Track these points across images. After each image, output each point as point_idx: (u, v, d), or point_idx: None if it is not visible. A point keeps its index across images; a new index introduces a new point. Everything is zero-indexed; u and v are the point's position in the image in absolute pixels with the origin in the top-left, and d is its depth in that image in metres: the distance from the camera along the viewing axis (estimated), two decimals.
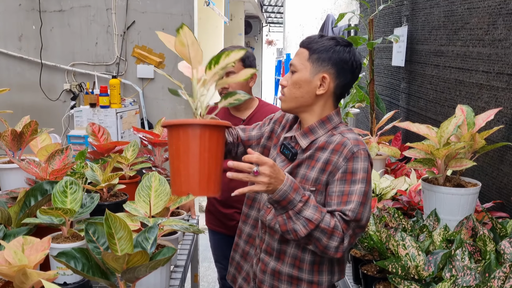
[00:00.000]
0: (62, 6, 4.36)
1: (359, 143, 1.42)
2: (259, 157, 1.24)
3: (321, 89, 1.45)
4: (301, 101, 1.48)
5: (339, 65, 1.45)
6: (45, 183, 1.51)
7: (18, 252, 1.04)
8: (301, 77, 1.46)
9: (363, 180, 1.38)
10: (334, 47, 1.45)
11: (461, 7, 2.23)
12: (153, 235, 1.23)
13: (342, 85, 1.48)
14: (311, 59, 1.45)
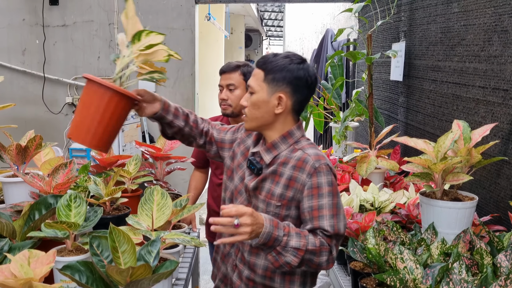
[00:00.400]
0: (65, 21, 4.42)
1: (319, 158, 1.49)
2: (238, 210, 1.31)
3: (279, 108, 1.52)
4: (262, 120, 1.54)
5: (294, 83, 1.50)
6: (49, 196, 1.54)
7: (24, 265, 1.06)
8: (259, 98, 1.52)
9: (330, 193, 1.46)
10: (287, 66, 1.50)
11: (458, 24, 2.28)
12: (155, 249, 1.26)
13: (299, 101, 1.54)
14: (267, 79, 1.51)
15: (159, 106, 1.62)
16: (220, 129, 1.77)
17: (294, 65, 1.51)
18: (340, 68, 3.38)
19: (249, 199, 1.59)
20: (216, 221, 1.29)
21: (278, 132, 1.56)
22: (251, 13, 10.70)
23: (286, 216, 1.51)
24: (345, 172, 2.61)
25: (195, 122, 1.72)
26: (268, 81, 1.51)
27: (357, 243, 1.64)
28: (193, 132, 1.72)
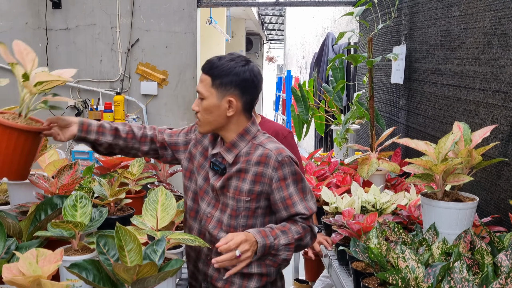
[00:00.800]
0: (68, 25, 4.45)
1: (281, 151, 1.60)
2: (235, 242, 1.42)
3: (230, 111, 1.58)
4: (215, 124, 1.61)
5: (242, 85, 1.57)
6: (55, 197, 1.56)
7: (32, 263, 1.08)
8: (210, 103, 1.58)
9: (295, 181, 1.60)
10: (233, 69, 1.56)
11: (458, 27, 2.31)
12: (161, 248, 1.27)
13: (249, 101, 1.62)
14: (215, 85, 1.56)
15: (76, 129, 1.67)
16: (171, 133, 1.81)
17: (240, 68, 1.57)
18: (341, 71, 3.40)
19: (217, 197, 1.67)
20: (220, 260, 1.42)
21: (234, 132, 1.64)
22: (252, 16, 10.75)
23: (256, 208, 1.62)
24: (347, 174, 2.63)
25: (130, 133, 1.75)
26: (217, 86, 1.56)
27: (359, 243, 1.66)
28: (129, 143, 1.75)
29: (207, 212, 1.67)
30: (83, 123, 1.68)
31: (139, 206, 1.94)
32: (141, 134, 1.76)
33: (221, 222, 1.64)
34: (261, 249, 1.49)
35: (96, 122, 1.72)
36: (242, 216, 1.61)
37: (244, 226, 1.62)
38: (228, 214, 1.62)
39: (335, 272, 1.97)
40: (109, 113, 4.06)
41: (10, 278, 1.05)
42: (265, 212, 1.63)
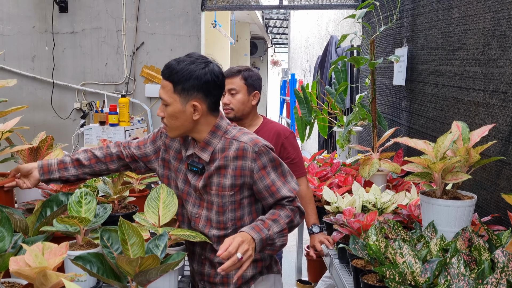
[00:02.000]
0: (74, 28, 4.51)
1: (256, 142, 1.63)
2: (232, 245, 1.44)
3: (196, 115, 1.58)
4: (183, 128, 1.61)
5: (204, 88, 1.55)
6: (61, 194, 1.60)
7: (38, 255, 1.12)
8: (174, 109, 1.56)
9: (274, 167, 1.65)
10: (193, 73, 1.52)
11: (458, 29, 2.33)
12: (163, 242, 1.31)
13: (213, 101, 1.62)
14: (177, 91, 1.54)
15: (38, 173, 1.71)
16: (138, 145, 1.81)
17: (200, 71, 1.54)
18: (343, 74, 3.43)
19: (201, 197, 1.69)
20: (225, 267, 1.43)
21: (205, 132, 1.64)
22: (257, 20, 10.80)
23: (241, 199, 1.66)
24: (348, 174, 2.65)
25: (92, 158, 1.77)
26: (179, 92, 1.54)
27: (358, 240, 1.68)
28: (96, 168, 1.77)
29: (194, 213, 1.70)
30: (43, 166, 1.72)
31: (142, 204, 1.97)
32: (104, 155, 1.78)
33: (210, 220, 1.67)
34: (259, 244, 1.53)
35: (55, 160, 1.75)
36: (229, 210, 1.65)
37: (233, 219, 1.66)
38: (215, 211, 1.66)
39: (336, 270, 1.99)
40: (114, 115, 4.11)
41: (16, 269, 1.09)
42: (250, 201, 1.69)
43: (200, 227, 1.68)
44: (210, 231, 1.66)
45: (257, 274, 1.75)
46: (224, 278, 1.70)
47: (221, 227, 1.65)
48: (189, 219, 1.73)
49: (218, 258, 1.66)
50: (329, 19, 6.66)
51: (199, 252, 1.73)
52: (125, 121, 4.14)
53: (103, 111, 4.28)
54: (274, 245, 1.62)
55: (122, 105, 4.13)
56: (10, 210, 1.51)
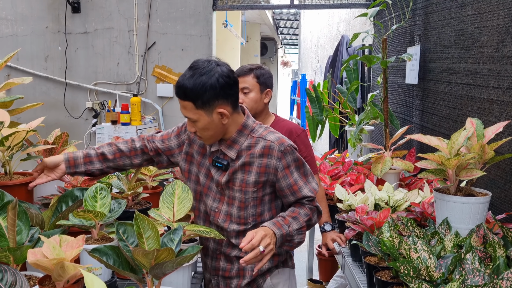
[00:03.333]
0: (86, 28, 4.56)
1: (282, 142, 1.67)
2: (255, 238, 1.48)
3: (225, 119, 1.62)
4: (217, 135, 1.65)
5: (221, 93, 1.57)
6: (76, 189, 1.62)
7: (56, 247, 1.13)
8: (204, 123, 1.59)
9: (297, 167, 1.68)
10: (206, 84, 1.54)
11: (472, 26, 2.32)
12: (177, 237, 1.31)
13: (234, 100, 1.64)
14: (199, 106, 1.57)
15: (64, 167, 1.74)
16: (163, 138, 1.82)
17: (212, 80, 1.55)
18: (355, 72, 3.42)
19: (222, 192, 1.71)
20: (247, 259, 1.45)
21: (233, 131, 1.69)
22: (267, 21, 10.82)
23: (263, 195, 1.70)
24: (360, 173, 2.65)
25: (117, 152, 1.80)
26: (201, 107, 1.57)
27: (372, 237, 1.68)
28: (119, 162, 1.80)
29: (214, 207, 1.72)
30: (69, 160, 1.75)
31: (155, 201, 1.99)
32: (129, 149, 1.80)
33: (230, 215, 1.69)
34: (279, 239, 1.57)
35: (81, 154, 1.78)
36: (251, 206, 1.68)
37: (254, 215, 1.68)
38: (236, 207, 1.68)
39: (348, 268, 1.99)
40: (126, 114, 4.14)
41: (35, 260, 1.10)
42: (271, 198, 1.72)
43: (220, 221, 1.70)
44: (229, 226, 1.68)
45: (273, 268, 1.78)
46: (240, 271, 1.72)
47: (241, 222, 1.68)
48: (207, 214, 1.75)
49: (236, 252, 1.69)
50: (340, 18, 6.64)
51: (214, 248, 1.74)
52: (137, 120, 4.17)
53: (115, 111, 4.31)
54: (292, 241, 1.65)
55: (134, 104, 4.16)
56: (27, 205, 1.53)
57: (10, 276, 1.10)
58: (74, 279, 1.17)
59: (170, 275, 1.41)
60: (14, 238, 1.30)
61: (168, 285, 1.43)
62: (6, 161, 1.69)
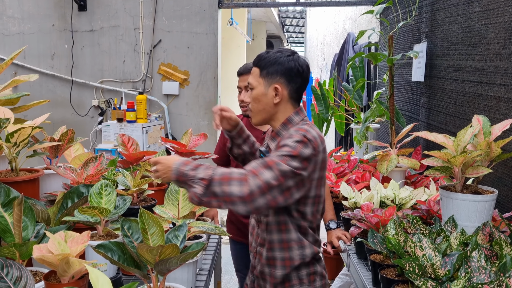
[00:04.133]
0: (92, 26, 4.57)
1: (300, 130, 1.58)
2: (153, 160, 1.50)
3: (277, 98, 1.65)
4: (264, 112, 1.68)
5: (287, 73, 1.64)
6: (81, 186, 1.62)
7: (61, 242, 1.14)
8: (258, 92, 1.67)
9: (282, 155, 1.49)
10: (278, 59, 1.65)
11: (479, 23, 2.30)
12: (182, 233, 1.32)
13: (295, 89, 1.67)
14: (262, 75, 1.66)
15: (235, 128, 1.82)
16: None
17: (285, 58, 1.65)
18: (361, 70, 3.41)
19: None
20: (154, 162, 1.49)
21: (280, 121, 1.69)
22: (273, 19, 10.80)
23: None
24: (366, 171, 2.64)
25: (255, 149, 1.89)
26: (264, 76, 1.65)
27: (377, 234, 1.67)
28: (253, 157, 1.86)
29: None
30: (241, 128, 1.83)
31: (160, 198, 1.99)
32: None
33: None
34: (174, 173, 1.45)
35: (247, 131, 1.88)
36: None
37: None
38: None
39: (353, 266, 1.99)
40: (132, 112, 4.15)
41: (40, 256, 1.11)
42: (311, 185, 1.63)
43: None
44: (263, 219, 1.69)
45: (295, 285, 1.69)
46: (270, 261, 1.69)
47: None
48: None
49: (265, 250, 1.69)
50: (346, 16, 6.62)
51: (254, 245, 1.77)
52: (143, 118, 4.18)
53: (121, 108, 4.32)
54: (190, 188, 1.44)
55: (140, 102, 4.17)
56: (33, 201, 1.54)
57: (15, 271, 1.11)
58: (79, 275, 1.17)
59: (174, 272, 1.42)
60: (20, 234, 1.31)
61: (173, 281, 1.43)
62: (13, 157, 1.70)
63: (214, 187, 1.42)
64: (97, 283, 0.94)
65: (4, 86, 1.89)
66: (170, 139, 4.53)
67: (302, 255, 1.66)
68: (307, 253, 1.67)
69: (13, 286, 1.06)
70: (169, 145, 2.37)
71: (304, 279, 1.68)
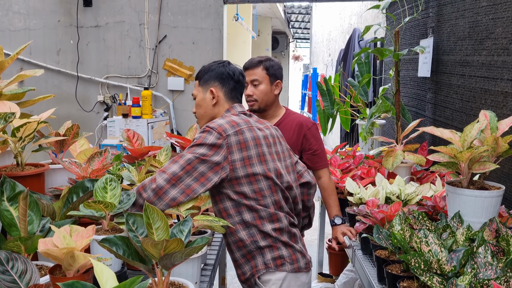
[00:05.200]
0: (98, 22, 4.57)
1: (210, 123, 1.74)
2: None
3: (214, 100, 1.87)
4: (206, 116, 1.90)
5: (219, 77, 1.88)
6: (87, 181, 1.62)
7: (66, 236, 1.14)
8: (199, 99, 1.91)
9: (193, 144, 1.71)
10: (211, 67, 1.91)
11: (486, 18, 2.28)
12: (187, 228, 1.31)
13: (229, 90, 1.89)
14: (200, 83, 1.91)
15: None
16: None
17: (216, 65, 1.91)
18: (367, 66, 3.39)
19: None
20: None
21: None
22: (278, 15, 10.77)
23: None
24: (371, 167, 2.63)
25: None
26: (202, 84, 1.90)
27: (382, 230, 1.66)
28: None
29: None
30: None
31: None
32: None
33: None
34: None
35: None
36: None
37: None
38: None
39: (359, 261, 1.98)
40: (137, 108, 4.15)
41: (45, 250, 1.11)
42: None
43: None
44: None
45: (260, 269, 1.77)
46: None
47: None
48: None
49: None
50: (352, 12, 6.59)
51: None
52: (148, 113, 4.18)
53: (126, 104, 4.33)
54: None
55: (145, 97, 4.17)
56: (38, 195, 1.54)
57: (21, 264, 1.11)
58: (84, 269, 1.17)
59: (179, 267, 1.42)
60: (25, 228, 1.32)
61: (178, 276, 1.43)
62: (18, 152, 1.70)
63: (137, 201, 1.62)
64: (102, 276, 0.94)
65: (10, 81, 1.90)
66: (175, 134, 4.53)
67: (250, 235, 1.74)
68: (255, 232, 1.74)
69: (18, 279, 1.07)
70: (174, 140, 2.37)
71: (270, 263, 1.75)
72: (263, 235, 1.74)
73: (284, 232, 1.77)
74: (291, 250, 1.77)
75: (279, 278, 1.76)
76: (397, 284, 1.44)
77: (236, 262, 1.83)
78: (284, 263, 1.76)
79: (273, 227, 1.74)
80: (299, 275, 1.80)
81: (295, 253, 1.79)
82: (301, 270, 1.80)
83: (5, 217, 1.33)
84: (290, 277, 1.78)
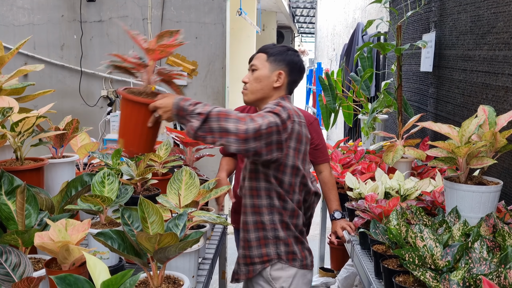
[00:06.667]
0: (101, 17, 4.58)
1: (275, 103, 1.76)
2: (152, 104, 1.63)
3: (277, 83, 1.84)
4: (261, 93, 1.85)
5: (291, 65, 1.85)
6: (85, 175, 1.63)
7: (62, 230, 1.15)
8: (261, 73, 1.84)
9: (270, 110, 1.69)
10: (286, 51, 1.87)
11: (488, 12, 2.26)
12: (182, 222, 1.32)
13: (293, 81, 1.88)
14: (269, 60, 1.85)
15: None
16: None
17: (292, 52, 1.89)
18: (369, 60, 3.37)
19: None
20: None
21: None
22: (283, 9, 10.73)
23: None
24: (372, 162, 2.62)
25: None
26: (271, 61, 1.84)
27: (379, 225, 1.66)
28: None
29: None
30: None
31: (165, 188, 1.99)
32: None
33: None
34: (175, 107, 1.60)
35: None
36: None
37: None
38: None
39: (357, 256, 1.98)
40: None
41: (41, 243, 1.12)
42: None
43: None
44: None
45: (274, 259, 1.80)
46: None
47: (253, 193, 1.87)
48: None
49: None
50: (356, 6, 6.56)
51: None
52: None
53: None
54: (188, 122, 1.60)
55: None
56: (37, 190, 1.55)
57: (14, 257, 1.12)
58: (79, 262, 1.19)
59: (176, 260, 1.43)
60: (23, 222, 1.33)
61: (174, 270, 1.44)
62: (18, 146, 1.71)
63: (211, 122, 1.55)
64: (95, 270, 0.95)
65: (10, 76, 1.91)
66: (178, 128, 4.54)
67: (272, 221, 1.78)
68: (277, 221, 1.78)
69: (11, 272, 1.08)
70: (174, 135, 2.38)
71: (283, 255, 1.79)
72: (283, 226, 1.79)
73: (298, 229, 1.84)
74: (301, 246, 1.83)
75: (289, 276, 1.81)
76: (393, 279, 1.44)
77: (249, 242, 1.83)
78: (295, 259, 1.83)
79: (292, 221, 1.81)
80: (306, 272, 1.87)
81: (304, 250, 1.86)
82: (308, 267, 1.87)
83: (3, 211, 1.34)
84: (299, 274, 1.84)
